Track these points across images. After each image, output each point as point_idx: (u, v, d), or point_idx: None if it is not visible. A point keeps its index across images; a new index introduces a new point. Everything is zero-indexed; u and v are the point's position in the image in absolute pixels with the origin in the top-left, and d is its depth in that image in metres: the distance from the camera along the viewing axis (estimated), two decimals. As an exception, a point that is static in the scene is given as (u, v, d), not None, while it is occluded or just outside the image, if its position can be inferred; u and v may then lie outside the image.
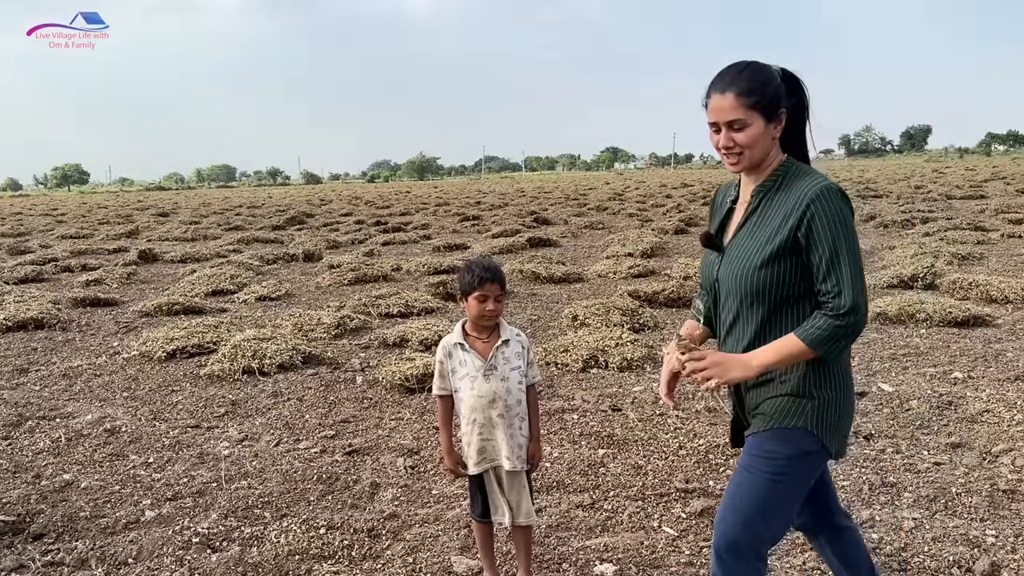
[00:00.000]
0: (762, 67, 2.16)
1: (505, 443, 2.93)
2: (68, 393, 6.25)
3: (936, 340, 6.82)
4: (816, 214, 2.04)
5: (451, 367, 2.97)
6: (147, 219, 29.84)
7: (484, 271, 2.88)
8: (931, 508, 3.73)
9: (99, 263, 14.84)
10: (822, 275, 2.05)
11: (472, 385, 2.91)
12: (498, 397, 2.90)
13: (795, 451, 2.14)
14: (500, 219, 22.61)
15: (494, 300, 2.89)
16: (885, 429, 4.75)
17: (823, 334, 2.02)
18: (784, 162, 2.21)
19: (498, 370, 2.92)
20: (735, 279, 2.18)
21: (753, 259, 2.14)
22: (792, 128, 2.23)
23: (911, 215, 17.74)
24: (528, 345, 3.04)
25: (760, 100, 2.11)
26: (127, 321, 9.13)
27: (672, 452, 4.55)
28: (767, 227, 2.14)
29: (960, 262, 11.05)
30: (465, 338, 2.96)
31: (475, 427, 2.93)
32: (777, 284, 2.12)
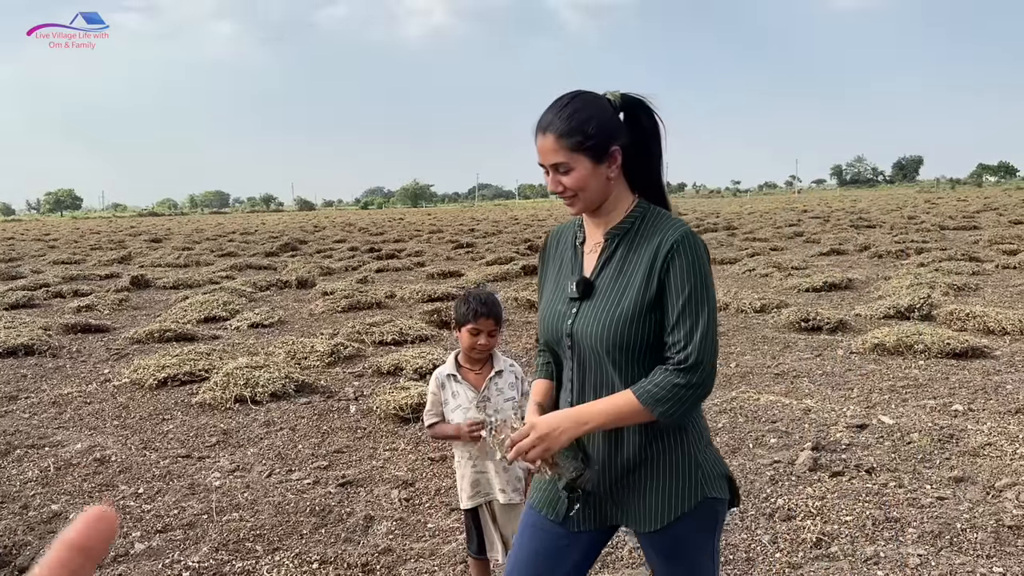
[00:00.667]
0: (589, 101, 1.90)
1: (499, 476, 2.87)
2: (57, 421, 6.15)
3: (935, 372, 6.78)
4: (674, 261, 1.83)
5: (444, 398, 2.92)
6: (139, 245, 29.76)
7: (480, 305, 2.84)
8: (936, 544, 3.67)
9: (91, 289, 14.73)
10: (671, 326, 1.83)
11: (465, 417, 2.86)
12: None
13: (712, 522, 1.95)
14: (494, 246, 22.61)
15: (487, 335, 2.85)
16: (887, 463, 4.70)
17: (660, 393, 1.78)
18: (638, 203, 1.97)
19: (491, 401, 2.88)
20: (599, 334, 1.88)
21: (622, 311, 1.86)
22: (641, 162, 1.97)
23: (905, 245, 17.80)
24: (522, 375, 2.99)
25: (583, 141, 1.86)
26: (118, 348, 9.03)
27: (672, 485, 4.47)
28: (632, 276, 1.89)
29: (956, 293, 11.06)
30: (458, 369, 2.91)
31: (469, 460, 2.87)
32: (645, 337, 1.86)
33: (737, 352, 7.93)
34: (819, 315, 8.91)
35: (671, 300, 1.83)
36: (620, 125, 1.93)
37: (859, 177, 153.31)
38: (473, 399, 2.87)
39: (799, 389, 6.43)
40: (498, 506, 2.90)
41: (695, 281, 1.83)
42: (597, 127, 1.87)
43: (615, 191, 1.96)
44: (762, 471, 4.61)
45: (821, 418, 5.59)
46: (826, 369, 7.04)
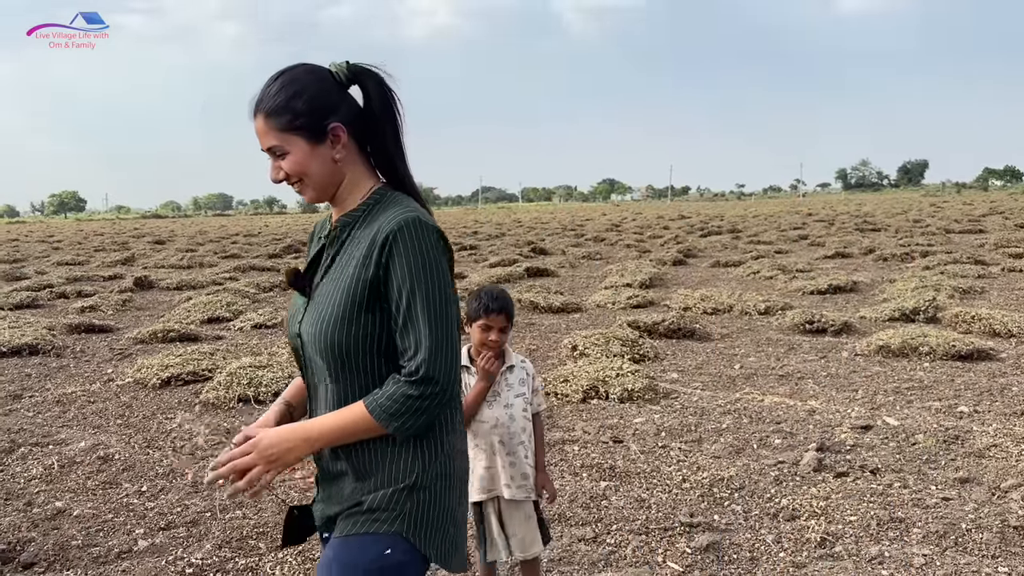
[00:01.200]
0: (299, 74, 1.71)
1: (505, 471, 2.86)
2: (61, 420, 6.15)
3: (940, 373, 6.76)
4: (393, 254, 1.61)
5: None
6: (143, 246, 29.82)
7: (491, 300, 2.83)
8: (941, 544, 3.65)
9: (94, 290, 14.76)
10: (398, 330, 1.62)
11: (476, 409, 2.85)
12: (500, 423, 2.84)
13: (377, 563, 1.63)
14: (497, 249, 22.62)
15: (498, 331, 2.84)
16: (892, 463, 4.68)
17: (392, 406, 1.58)
18: (376, 189, 1.76)
19: (501, 396, 2.87)
20: (316, 336, 1.68)
21: (334, 310, 1.66)
22: (376, 142, 1.77)
23: (910, 249, 17.77)
24: (533, 372, 2.99)
25: (294, 119, 1.67)
26: (122, 348, 9.04)
27: (676, 485, 4.47)
28: (346, 270, 1.68)
29: (961, 296, 11.03)
30: (470, 362, 2.90)
31: (476, 453, 2.87)
32: (364, 342, 1.64)
33: (741, 354, 7.91)
34: (824, 317, 8.89)
35: (393, 300, 1.62)
36: (342, 99, 1.72)
37: (864, 181, 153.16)
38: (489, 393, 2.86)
39: (804, 390, 6.41)
40: (503, 502, 2.90)
41: (417, 278, 1.60)
42: (308, 102, 1.67)
43: (349, 175, 1.75)
44: (766, 471, 4.60)
45: (826, 419, 5.58)
46: (831, 371, 7.03)
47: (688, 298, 11.05)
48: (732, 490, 4.36)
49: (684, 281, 14.38)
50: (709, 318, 10.00)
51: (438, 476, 1.70)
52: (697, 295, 11.13)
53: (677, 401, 6.20)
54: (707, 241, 23.85)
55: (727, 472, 4.58)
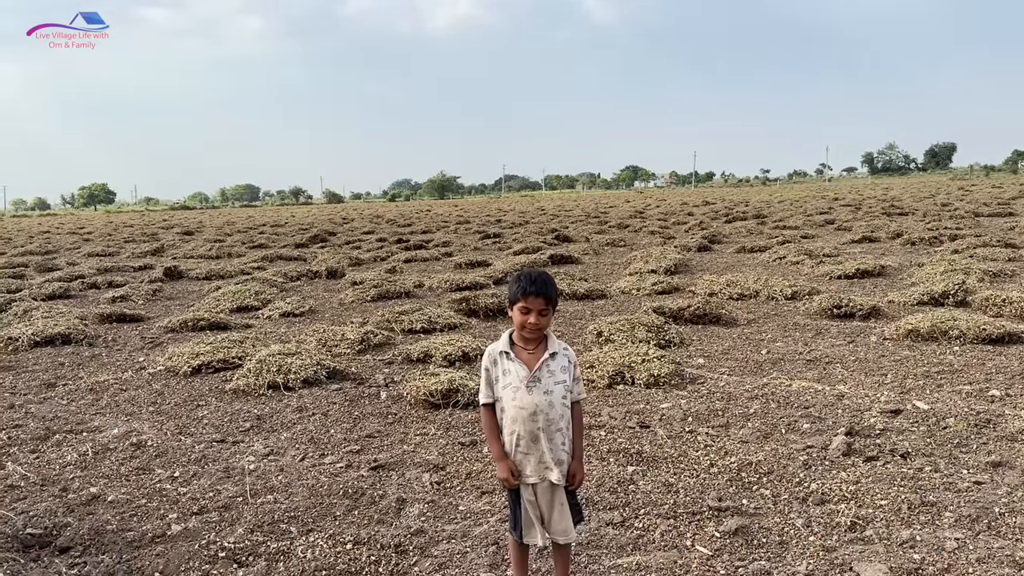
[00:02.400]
0: None
1: (542, 457, 2.87)
2: (95, 407, 6.26)
3: (970, 357, 6.68)
4: None
5: (495, 375, 2.92)
6: (172, 237, 30.14)
7: (530, 284, 2.83)
8: (974, 528, 3.62)
9: (125, 280, 14.97)
10: None
11: (514, 396, 2.87)
12: (540, 410, 2.85)
13: None
14: (521, 237, 22.60)
15: (537, 314, 2.84)
16: (922, 447, 4.64)
17: None
18: None
19: (542, 383, 2.87)
20: None
21: None
22: None
23: (939, 232, 17.51)
24: (575, 360, 2.98)
25: None
26: (153, 337, 9.17)
27: (703, 470, 4.46)
28: None
29: (992, 279, 10.87)
30: (511, 347, 2.91)
31: (515, 439, 2.88)
32: None
33: (768, 339, 7.86)
34: (852, 302, 8.80)
35: None
36: None
37: (891, 165, 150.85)
38: (524, 378, 2.86)
39: (832, 375, 6.36)
40: (539, 488, 2.91)
41: None
42: None
43: None
44: (795, 456, 4.58)
45: (855, 404, 5.53)
46: (859, 355, 6.96)
47: (714, 284, 10.99)
48: (760, 474, 4.34)
49: (709, 267, 14.29)
50: (735, 303, 9.93)
51: None
52: (723, 281, 11.06)
53: (704, 386, 6.18)
54: (732, 227, 23.66)
55: (755, 457, 4.57)
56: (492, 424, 2.96)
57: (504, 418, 2.90)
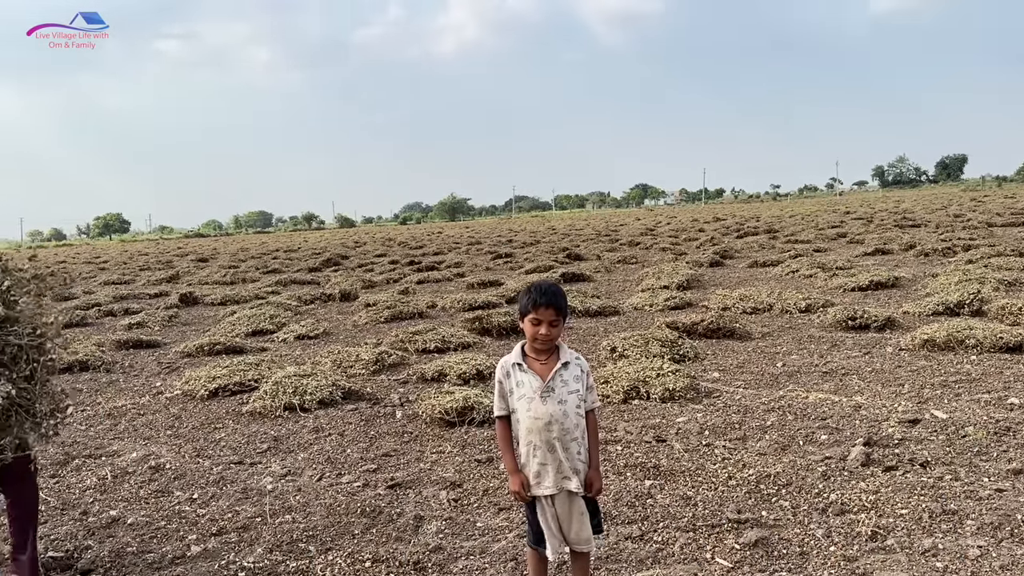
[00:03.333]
0: None
1: (559, 467, 2.88)
2: (113, 432, 6.30)
3: (988, 366, 6.63)
4: None
5: (509, 387, 2.94)
6: (187, 264, 30.36)
7: (540, 295, 2.86)
8: (996, 536, 3.58)
9: (141, 307, 15.08)
10: None
11: (529, 407, 2.88)
12: (554, 420, 2.86)
13: None
14: (532, 256, 22.64)
15: (548, 325, 2.86)
16: (942, 456, 4.60)
17: None
18: None
19: (555, 392, 2.88)
20: None
21: None
22: None
23: (952, 243, 17.42)
24: (587, 369, 3.00)
25: None
26: (169, 362, 9.23)
27: (722, 482, 4.44)
28: None
29: (1007, 288, 10.80)
30: (524, 359, 2.93)
31: (531, 449, 2.89)
32: None
33: (783, 352, 7.83)
34: (866, 313, 8.77)
35: None
36: None
37: (902, 177, 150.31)
38: (538, 388, 2.87)
39: (848, 386, 6.33)
40: (557, 497, 2.91)
41: None
42: None
43: None
44: (813, 467, 4.55)
45: (872, 414, 5.50)
46: (875, 366, 6.93)
47: (727, 298, 10.97)
48: (779, 486, 4.32)
49: (722, 282, 14.27)
50: (749, 317, 9.91)
51: None
52: (736, 295, 11.04)
53: (719, 400, 6.16)
54: (743, 242, 23.63)
55: (773, 468, 4.55)
56: (507, 436, 2.97)
57: (519, 429, 2.92)
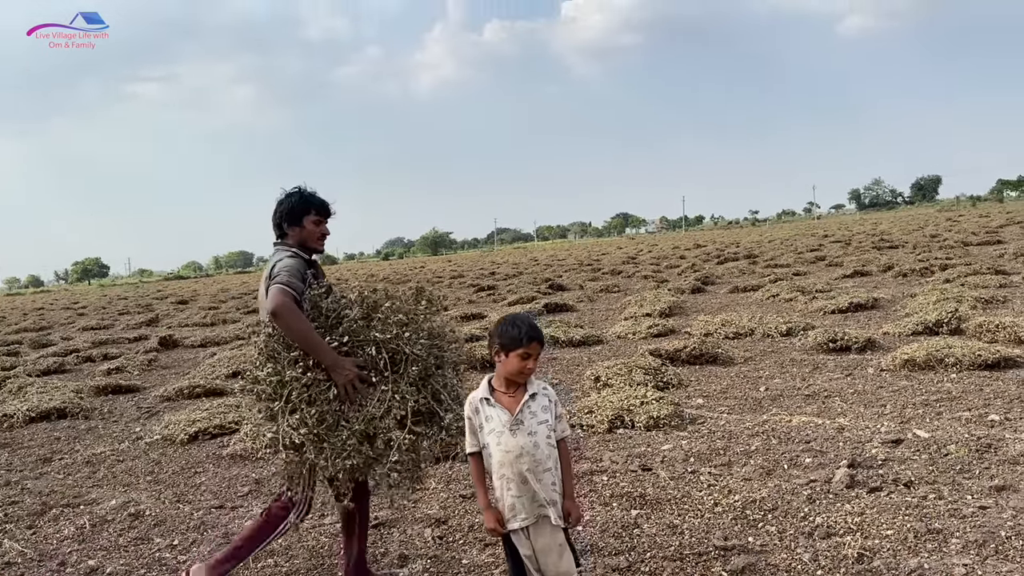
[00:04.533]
0: None
1: (534, 499, 2.86)
2: (92, 480, 6.20)
3: (968, 384, 6.68)
4: None
5: (479, 423, 2.93)
6: (167, 307, 30.14)
7: (531, 329, 2.89)
8: (981, 553, 3.59)
9: (120, 352, 14.93)
10: None
11: (499, 440, 2.87)
12: (525, 452, 2.85)
13: None
14: (515, 287, 22.66)
15: (535, 358, 2.89)
16: (925, 475, 4.61)
17: None
18: None
19: (525, 424, 2.87)
20: None
21: None
22: None
23: (929, 263, 17.62)
24: (555, 399, 2.99)
25: None
26: (149, 406, 9.12)
27: (707, 510, 4.42)
28: None
29: (984, 306, 10.92)
30: (491, 393, 2.93)
31: (504, 483, 2.87)
32: None
33: (766, 376, 7.86)
34: (847, 335, 8.82)
35: None
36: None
37: (878, 200, 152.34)
38: (507, 422, 2.87)
39: (831, 408, 6.35)
40: (533, 530, 2.89)
41: None
42: None
43: None
44: (799, 491, 4.55)
45: (855, 435, 5.52)
46: (857, 387, 6.96)
47: (709, 324, 11.01)
48: (765, 511, 4.31)
49: (703, 308, 14.33)
50: (731, 342, 9.94)
51: None
52: (718, 320, 11.08)
53: (704, 426, 6.16)
54: (724, 268, 23.78)
55: (759, 494, 4.54)
56: (480, 473, 2.98)
57: (492, 464, 2.90)
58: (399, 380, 3.35)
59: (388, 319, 3.42)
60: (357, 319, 3.44)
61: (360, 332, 3.40)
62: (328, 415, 3.31)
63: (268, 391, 3.43)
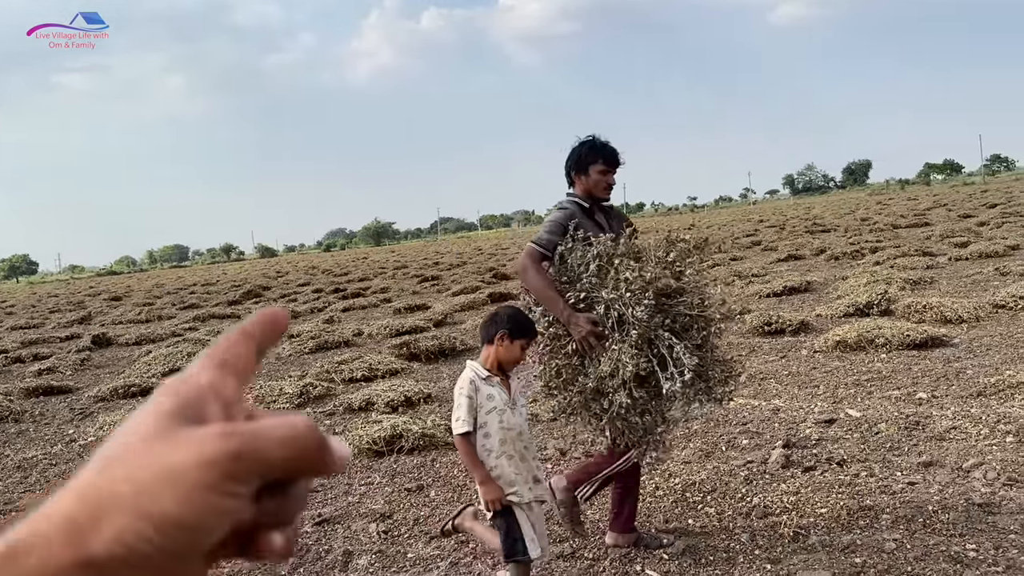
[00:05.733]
0: None
1: (528, 475, 3.06)
2: (24, 485, 6.01)
3: (897, 363, 6.92)
4: None
5: (479, 401, 3.01)
6: (99, 304, 29.26)
7: (534, 327, 3.15)
8: (910, 528, 3.73)
9: (51, 351, 14.44)
10: None
11: (501, 418, 2.99)
12: (522, 430, 3.05)
13: None
14: (459, 277, 22.63)
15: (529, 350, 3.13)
16: (857, 454, 4.77)
17: None
18: None
19: (517, 405, 3.08)
20: None
21: None
22: None
23: (860, 246, 18.15)
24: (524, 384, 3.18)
25: None
26: (83, 407, 8.86)
27: (649, 494, 4.50)
28: None
29: (912, 287, 11.30)
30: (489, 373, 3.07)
31: (505, 459, 2.99)
32: None
33: (705, 360, 8.00)
34: (781, 318, 9.04)
35: None
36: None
37: (811, 185, 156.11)
38: (507, 402, 3.04)
39: (767, 390, 6.51)
40: (525, 504, 3.04)
41: None
42: None
43: None
44: (736, 472, 4.66)
45: (790, 416, 5.67)
46: (792, 369, 7.15)
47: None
48: (704, 493, 4.40)
49: (645, 295, 14.51)
50: (671, 328, 10.09)
51: None
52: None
53: (645, 412, 6.25)
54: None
55: (698, 476, 4.64)
56: (473, 451, 3.02)
57: (490, 443, 3.00)
58: (624, 341, 3.25)
59: (619, 276, 3.29)
60: (593, 275, 3.37)
61: (594, 288, 3.35)
62: (564, 369, 3.39)
63: None
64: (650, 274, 3.26)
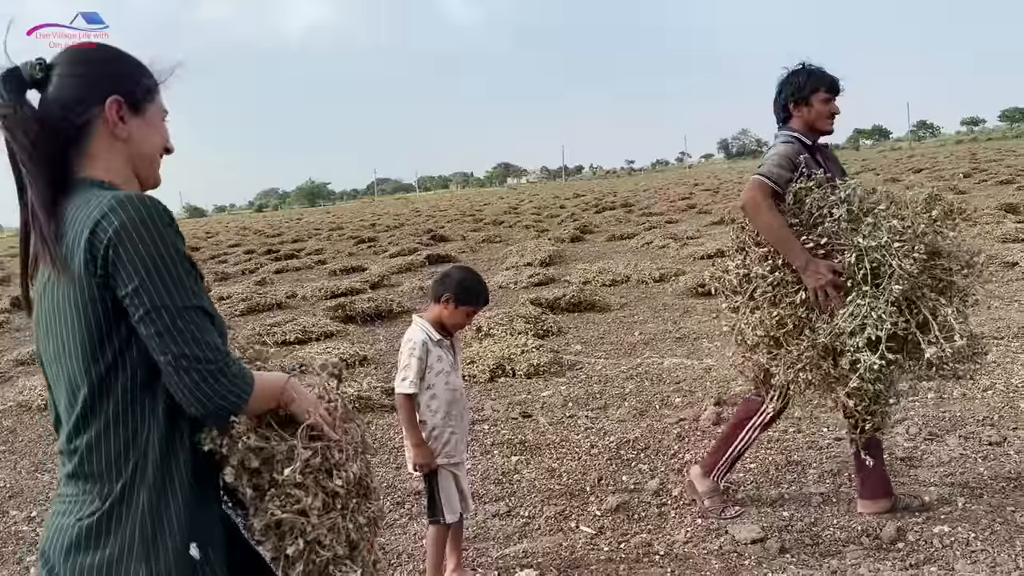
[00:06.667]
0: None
1: (464, 435, 3.10)
2: (-64, 452, 5.75)
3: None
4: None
5: (429, 363, 2.96)
6: (17, 266, 28.08)
7: (487, 294, 3.12)
8: (836, 482, 3.85)
9: (-33, 314, 13.82)
10: None
11: (447, 380, 2.98)
12: (462, 391, 3.07)
13: None
14: (396, 239, 22.38)
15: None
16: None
17: None
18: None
19: (457, 365, 3.07)
20: None
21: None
22: None
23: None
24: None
25: None
26: (1, 372, 8.52)
27: (584, 452, 4.54)
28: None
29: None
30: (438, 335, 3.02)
31: (447, 420, 2.97)
32: None
33: (640, 321, 8.10)
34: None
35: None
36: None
37: (745, 149, 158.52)
38: (452, 364, 3.02)
39: (700, 350, 6.62)
40: (457, 463, 3.05)
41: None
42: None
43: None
44: (669, 429, 4.74)
45: (721, 375, 5.78)
46: (723, 329, 7.24)
47: (587, 272, 11.23)
48: (638, 451, 4.46)
49: (582, 256, 14.60)
50: (608, 290, 10.19)
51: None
52: (595, 268, 11.32)
53: (582, 372, 6.30)
54: (602, 217, 24.26)
55: (632, 434, 4.69)
56: (413, 413, 2.96)
57: (435, 404, 2.96)
58: (878, 296, 2.91)
59: (879, 225, 2.96)
60: (842, 219, 3.05)
61: (842, 235, 3.03)
62: (790, 320, 3.07)
63: (733, 283, 3.29)
64: (921, 227, 2.97)
